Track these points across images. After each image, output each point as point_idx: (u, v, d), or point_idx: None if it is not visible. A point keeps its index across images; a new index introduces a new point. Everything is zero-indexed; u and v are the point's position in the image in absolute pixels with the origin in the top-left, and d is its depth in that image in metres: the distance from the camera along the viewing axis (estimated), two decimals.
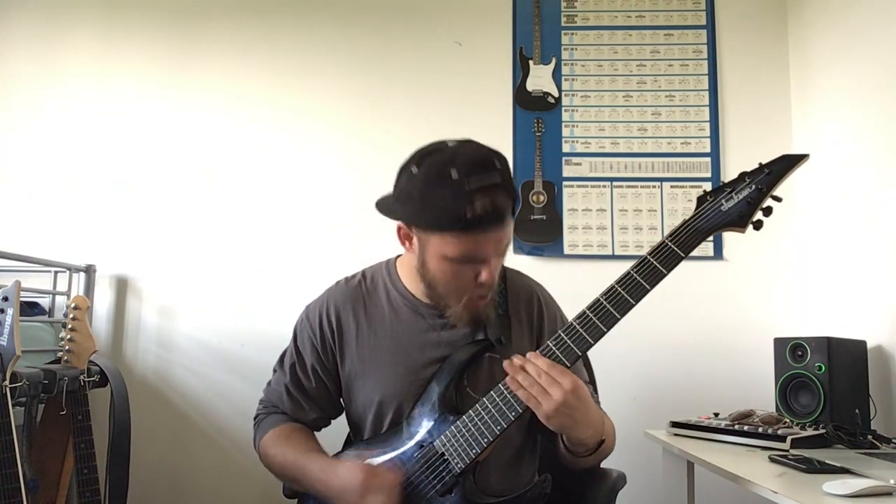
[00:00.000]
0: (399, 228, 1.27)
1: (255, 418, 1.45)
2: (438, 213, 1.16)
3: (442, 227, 1.17)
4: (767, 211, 1.11)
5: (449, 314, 1.29)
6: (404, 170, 1.23)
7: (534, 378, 1.13)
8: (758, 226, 1.11)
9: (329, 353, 1.38)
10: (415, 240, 1.25)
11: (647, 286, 1.13)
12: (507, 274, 1.40)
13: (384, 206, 1.27)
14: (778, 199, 1.11)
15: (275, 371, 1.45)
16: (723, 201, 1.12)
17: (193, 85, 2.61)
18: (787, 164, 1.11)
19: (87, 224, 2.54)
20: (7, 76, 2.64)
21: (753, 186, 1.10)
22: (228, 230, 2.53)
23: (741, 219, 1.11)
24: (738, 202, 1.11)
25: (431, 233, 1.20)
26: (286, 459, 1.33)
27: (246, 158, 2.57)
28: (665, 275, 1.13)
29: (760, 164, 1.12)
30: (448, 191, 1.14)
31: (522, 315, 1.36)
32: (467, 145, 1.21)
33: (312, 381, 1.39)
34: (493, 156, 1.19)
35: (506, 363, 1.17)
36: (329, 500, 1.26)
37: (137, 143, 2.58)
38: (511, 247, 2.56)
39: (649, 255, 1.15)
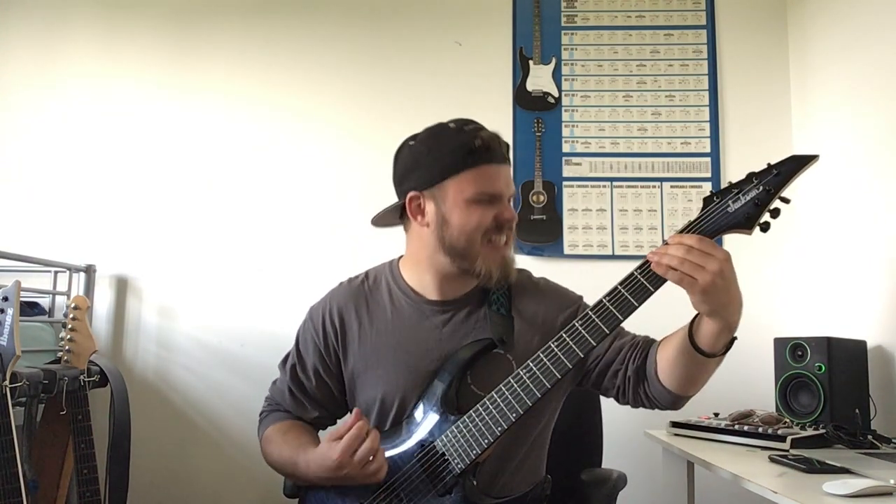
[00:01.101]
0: (410, 202, 1.30)
1: (260, 414, 1.48)
2: (449, 155, 1.26)
3: (456, 166, 1.25)
4: (775, 213, 1.08)
5: (477, 271, 1.28)
6: (402, 149, 1.35)
7: (683, 255, 1.07)
8: (765, 228, 1.08)
9: (332, 353, 1.39)
10: (429, 206, 1.29)
11: (650, 288, 1.12)
12: None
13: (397, 188, 1.35)
14: (786, 201, 1.08)
15: (280, 370, 1.47)
16: (729, 202, 1.09)
17: (193, 85, 2.61)
18: (796, 165, 1.07)
19: (87, 224, 2.54)
20: (7, 76, 2.64)
21: (761, 188, 1.07)
22: (228, 230, 2.53)
23: (748, 220, 1.08)
24: (745, 203, 1.07)
25: (447, 181, 1.26)
26: (282, 455, 1.34)
27: (246, 158, 2.57)
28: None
29: (769, 164, 1.08)
30: (452, 136, 1.28)
31: (529, 314, 1.35)
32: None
33: (314, 382, 1.40)
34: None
35: (649, 254, 1.11)
36: (328, 484, 1.26)
37: (137, 143, 2.58)
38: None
39: (652, 262, 1.12)
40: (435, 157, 1.27)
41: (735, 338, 1.16)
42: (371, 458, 1.19)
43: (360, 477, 1.20)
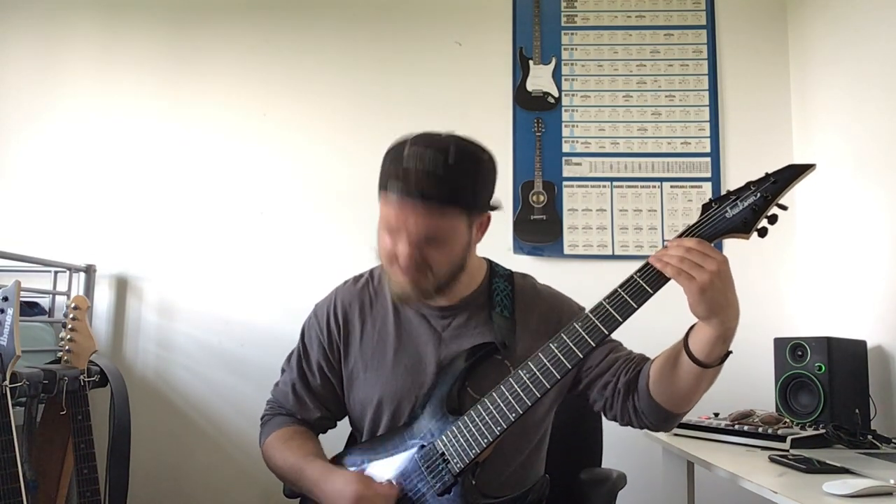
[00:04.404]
0: None
1: (261, 418, 1.47)
2: (383, 167, 1.23)
3: (380, 184, 1.23)
4: (773, 219, 1.10)
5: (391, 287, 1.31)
6: None
7: (682, 254, 1.09)
8: (762, 233, 1.10)
9: (335, 351, 1.40)
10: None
11: (649, 290, 1.13)
12: (513, 278, 1.40)
13: None
14: (784, 208, 1.10)
15: (283, 371, 1.46)
16: (727, 208, 1.11)
17: (192, 86, 2.61)
18: (793, 173, 1.09)
19: (87, 224, 2.54)
20: (7, 76, 2.64)
21: (759, 195, 1.09)
22: (228, 230, 2.53)
23: (745, 225, 1.10)
24: (742, 209, 1.10)
25: (379, 194, 1.24)
26: (286, 463, 1.34)
27: (245, 159, 2.57)
28: (667, 279, 1.12)
29: (767, 173, 1.11)
30: (393, 153, 1.22)
31: (532, 321, 1.35)
32: (460, 137, 1.24)
33: (318, 379, 1.40)
34: (457, 148, 1.18)
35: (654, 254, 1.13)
36: None
37: (137, 144, 2.58)
38: (510, 246, 2.57)
39: (652, 260, 1.13)
40: (381, 165, 1.24)
41: (730, 352, 1.17)
42: None
43: None
